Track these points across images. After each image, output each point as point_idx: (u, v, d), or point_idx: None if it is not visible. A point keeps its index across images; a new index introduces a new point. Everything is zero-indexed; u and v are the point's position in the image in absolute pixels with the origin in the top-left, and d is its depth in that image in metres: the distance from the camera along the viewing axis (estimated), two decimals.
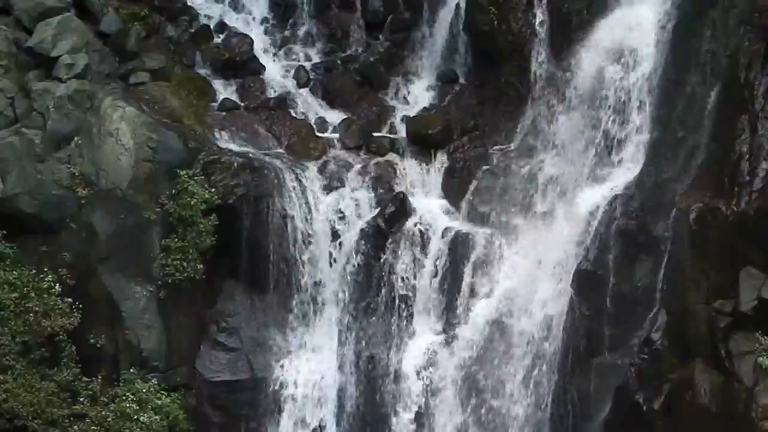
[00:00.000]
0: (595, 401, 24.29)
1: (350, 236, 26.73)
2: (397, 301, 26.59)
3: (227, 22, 29.87)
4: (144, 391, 24.35)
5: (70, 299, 24.16)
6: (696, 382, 22.38)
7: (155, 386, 24.69)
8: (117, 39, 27.02)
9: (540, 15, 26.78)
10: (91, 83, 25.69)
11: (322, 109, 29.09)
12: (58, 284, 24.07)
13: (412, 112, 28.86)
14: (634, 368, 23.59)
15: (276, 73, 29.54)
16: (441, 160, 27.66)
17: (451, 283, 26.23)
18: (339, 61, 29.84)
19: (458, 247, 26.23)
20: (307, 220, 26.71)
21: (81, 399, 24.19)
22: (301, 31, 30.35)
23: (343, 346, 26.81)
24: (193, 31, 29.25)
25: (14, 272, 23.94)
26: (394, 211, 26.75)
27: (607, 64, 25.29)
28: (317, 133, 28.31)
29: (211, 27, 29.62)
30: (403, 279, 26.53)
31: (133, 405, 23.97)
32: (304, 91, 29.38)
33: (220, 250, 25.99)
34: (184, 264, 25.30)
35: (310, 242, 26.74)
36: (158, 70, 27.60)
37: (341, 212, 26.90)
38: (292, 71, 29.66)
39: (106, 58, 26.54)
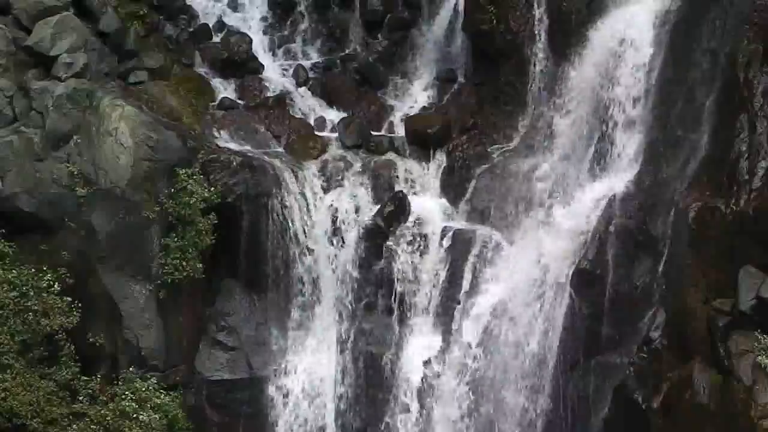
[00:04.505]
0: (594, 400, 24.31)
1: (349, 235, 26.74)
2: (396, 300, 26.61)
3: (226, 21, 29.97)
4: (143, 389, 24.35)
5: (69, 298, 24.13)
6: (695, 381, 22.39)
7: (154, 385, 24.69)
8: (116, 38, 27.05)
9: (539, 14, 26.79)
10: (90, 82, 25.70)
11: (321, 108, 29.11)
12: (57, 283, 24.04)
13: (411, 111, 28.89)
14: (633, 367, 23.62)
15: (275, 72, 29.58)
16: (440, 159, 27.68)
17: (450, 281, 26.23)
18: (338, 60, 29.90)
19: (457, 246, 26.24)
20: (306, 219, 26.72)
21: (80, 398, 24.18)
22: (300, 30, 30.40)
23: (342, 345, 26.83)
24: (192, 30, 29.30)
25: (13, 271, 23.90)
26: (394, 210, 26.77)
27: (606, 63, 25.27)
28: (316, 132, 28.35)
29: (210, 26, 29.67)
30: (402, 278, 26.54)
31: (133, 404, 23.96)
32: (303, 90, 29.41)
33: (220, 249, 26.00)
34: (183, 263, 25.29)
35: (309, 241, 26.74)
36: (157, 69, 27.64)
37: (340, 211, 26.89)
38: (291, 70, 29.71)
39: (105, 57, 26.56)
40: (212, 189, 25.63)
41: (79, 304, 24.21)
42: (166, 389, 25.02)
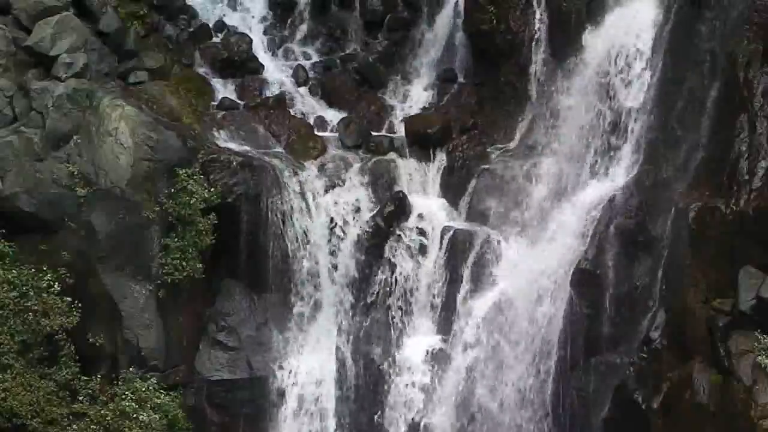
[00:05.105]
0: (594, 400, 24.30)
1: (349, 235, 26.74)
2: (395, 300, 26.60)
3: (226, 21, 29.97)
4: (143, 389, 24.36)
5: (69, 298, 24.14)
6: (695, 381, 22.39)
7: (154, 385, 24.70)
8: (116, 38, 27.04)
9: (539, 14, 26.79)
10: (90, 82, 25.69)
11: (321, 108, 29.11)
12: (57, 283, 24.04)
13: (411, 112, 28.89)
14: (633, 367, 23.62)
15: (275, 72, 29.57)
16: (440, 159, 27.67)
17: (449, 282, 26.24)
18: (338, 60, 29.90)
19: (457, 246, 26.24)
20: (306, 219, 26.72)
21: (80, 398, 24.19)
22: (300, 30, 30.41)
23: (342, 345, 26.83)
24: (192, 30, 29.30)
25: (13, 271, 23.91)
26: (393, 210, 26.76)
27: (606, 63, 25.28)
28: (316, 132, 28.34)
29: (210, 26, 29.68)
30: (402, 278, 26.54)
31: (132, 404, 23.97)
32: (303, 90, 29.41)
33: (219, 249, 26.00)
34: (183, 263, 25.29)
35: (309, 241, 26.74)
36: (157, 69, 27.64)
37: (340, 211, 26.89)
38: (291, 70, 29.71)
39: (105, 57, 26.55)
40: (212, 189, 25.62)
41: (79, 304, 24.21)
42: (166, 389, 25.02)
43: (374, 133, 28.40)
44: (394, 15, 29.69)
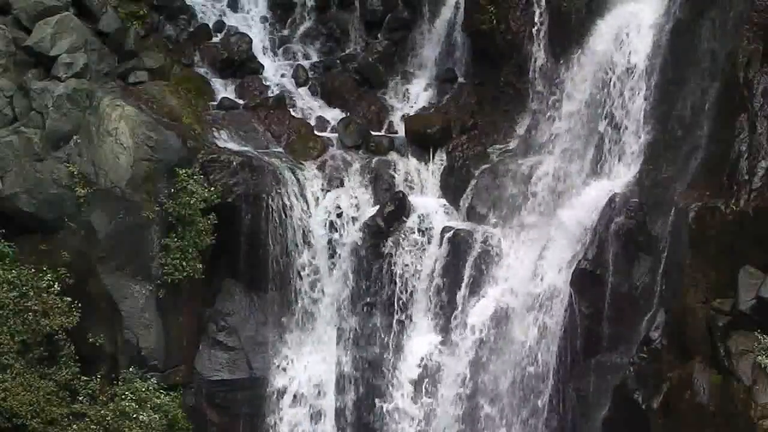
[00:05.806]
0: (594, 400, 24.30)
1: (349, 235, 26.73)
2: (396, 300, 26.61)
3: (226, 21, 30.01)
4: (143, 390, 24.39)
5: (69, 298, 24.17)
6: (695, 381, 22.36)
7: (154, 385, 24.74)
8: (116, 38, 27.05)
9: (539, 14, 26.79)
10: (89, 82, 25.70)
11: (321, 108, 29.12)
12: (57, 283, 24.08)
13: (411, 111, 28.90)
14: (633, 367, 23.59)
15: (275, 72, 29.61)
16: (440, 159, 27.69)
17: (450, 282, 26.23)
18: (338, 60, 29.95)
19: (457, 245, 26.23)
20: (306, 219, 26.72)
21: (80, 398, 24.23)
22: (300, 30, 30.44)
23: (342, 345, 26.84)
24: (191, 30, 29.38)
25: (13, 271, 23.93)
26: (393, 210, 26.76)
27: (606, 63, 25.27)
28: (316, 132, 28.35)
29: (210, 26, 29.71)
30: (402, 278, 26.54)
31: (132, 404, 24.00)
32: (303, 90, 29.43)
33: (219, 249, 26.00)
34: (183, 263, 25.31)
35: (309, 241, 26.75)
36: (157, 69, 27.67)
37: (340, 211, 26.89)
38: (291, 70, 29.74)
39: (104, 57, 26.55)
40: (212, 189, 25.64)
41: (79, 304, 24.24)
42: (166, 389, 25.05)
43: (374, 133, 28.41)
44: (394, 15, 29.72)
